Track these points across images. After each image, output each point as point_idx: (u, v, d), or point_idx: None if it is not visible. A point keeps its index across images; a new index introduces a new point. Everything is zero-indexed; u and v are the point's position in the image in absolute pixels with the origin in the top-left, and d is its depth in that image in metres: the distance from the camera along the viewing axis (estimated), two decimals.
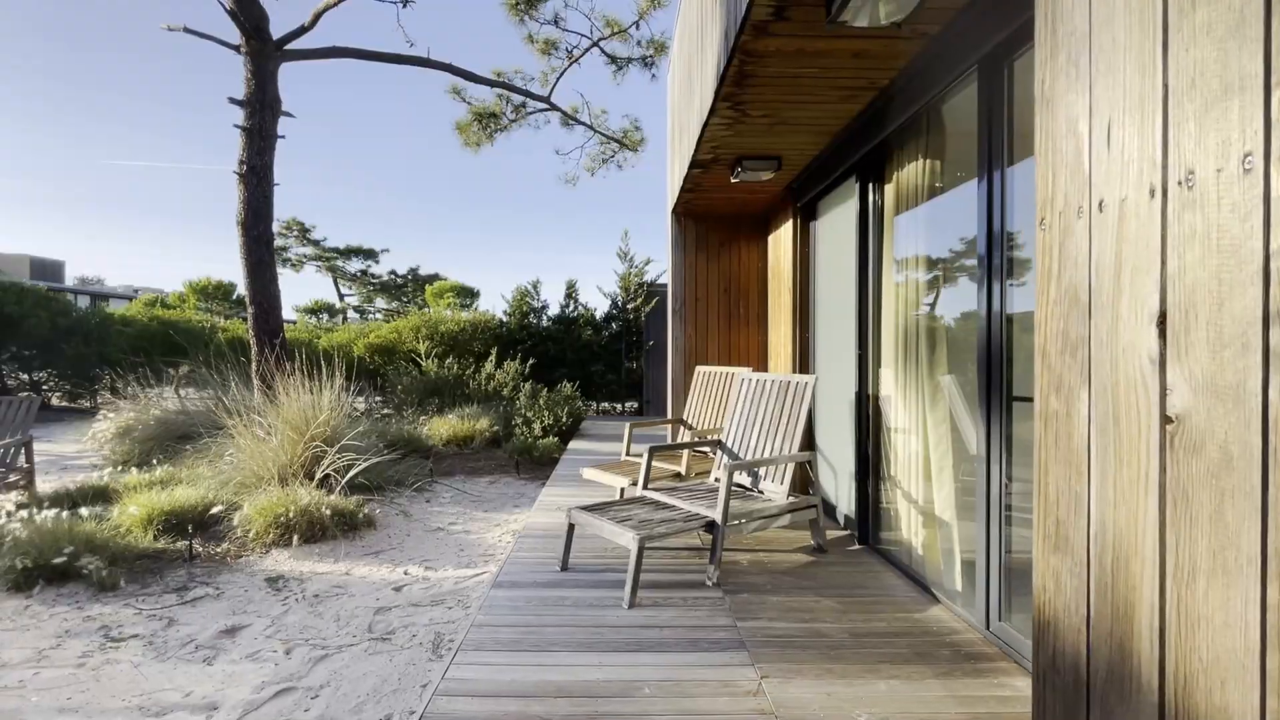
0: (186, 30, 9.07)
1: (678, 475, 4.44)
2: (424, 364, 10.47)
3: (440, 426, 8.27)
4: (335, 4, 8.93)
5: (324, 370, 6.07)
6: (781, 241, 5.32)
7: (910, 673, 2.30)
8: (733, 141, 3.94)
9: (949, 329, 3.18)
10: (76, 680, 2.60)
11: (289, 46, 9.02)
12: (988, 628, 2.58)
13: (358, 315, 35.05)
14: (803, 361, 4.99)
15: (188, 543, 4.11)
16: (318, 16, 8.91)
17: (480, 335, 12.35)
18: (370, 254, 33.03)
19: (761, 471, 3.74)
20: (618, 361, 12.41)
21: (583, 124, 13.91)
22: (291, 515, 4.24)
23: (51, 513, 4.15)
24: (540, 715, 2.01)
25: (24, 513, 4.27)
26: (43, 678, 2.61)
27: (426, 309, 35.24)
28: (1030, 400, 2.51)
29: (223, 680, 2.61)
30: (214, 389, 8.41)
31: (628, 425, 5.02)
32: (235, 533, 4.29)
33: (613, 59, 12.99)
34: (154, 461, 6.17)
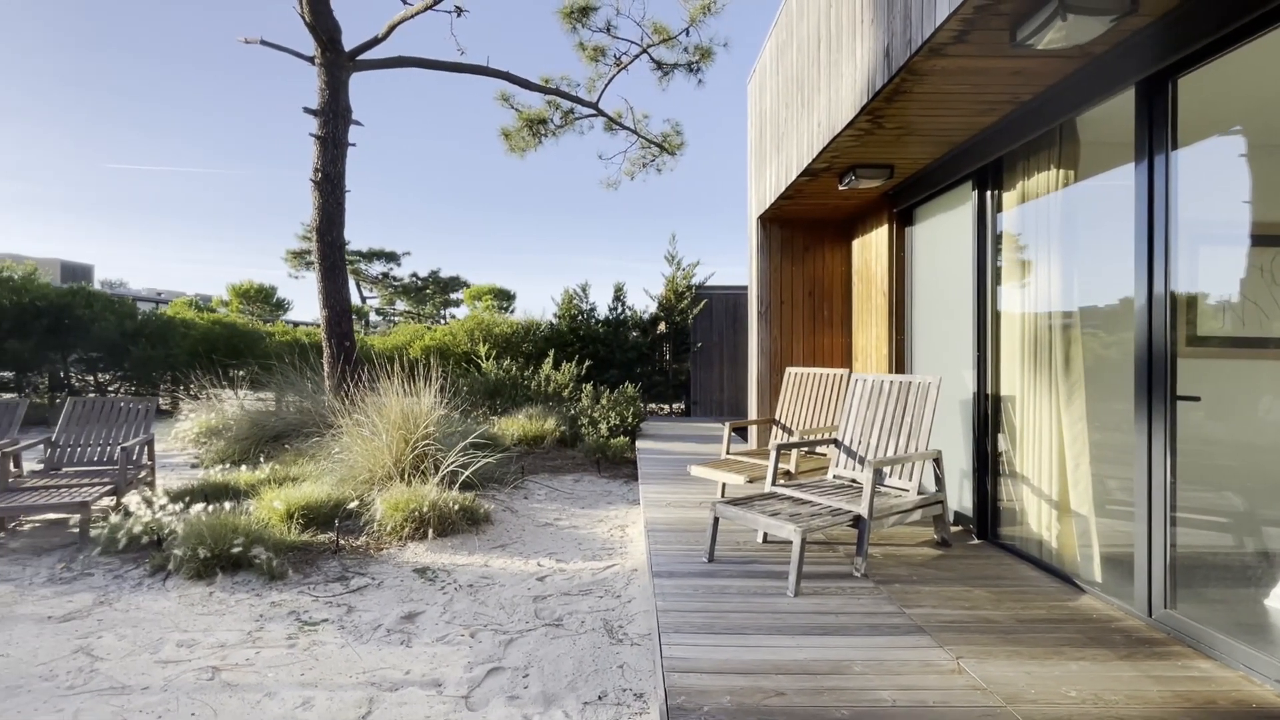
0: (264, 43, 9.39)
1: (787, 473, 4.61)
2: (484, 365, 10.71)
3: (510, 426, 8.49)
4: (410, 17, 9.20)
5: (389, 372, 6.25)
6: (873, 246, 5.47)
7: (1094, 655, 2.45)
8: (854, 151, 4.10)
9: (1084, 330, 3.32)
10: (296, 659, 2.82)
11: (361, 57, 9.31)
12: (1150, 615, 2.72)
13: (379, 318, 35.53)
14: (899, 362, 5.13)
15: (333, 536, 4.34)
16: (392, 28, 9.18)
17: (530, 337, 12.60)
18: (392, 257, 33.46)
19: (887, 469, 3.90)
20: (665, 363, 12.59)
21: (626, 128, 14.12)
22: (424, 511, 4.46)
23: (198, 507, 4.40)
24: (773, 689, 2.19)
25: (173, 506, 4.53)
26: (264, 657, 2.83)
27: (448, 311, 35.46)
28: (1193, 400, 2.65)
29: (430, 660, 2.82)
30: (292, 391, 8.71)
31: (726, 426, 5.19)
32: (371, 527, 4.52)
33: (659, 65, 13.17)
34: (260, 459, 6.42)
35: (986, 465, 3.98)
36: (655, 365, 12.64)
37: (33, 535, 4.60)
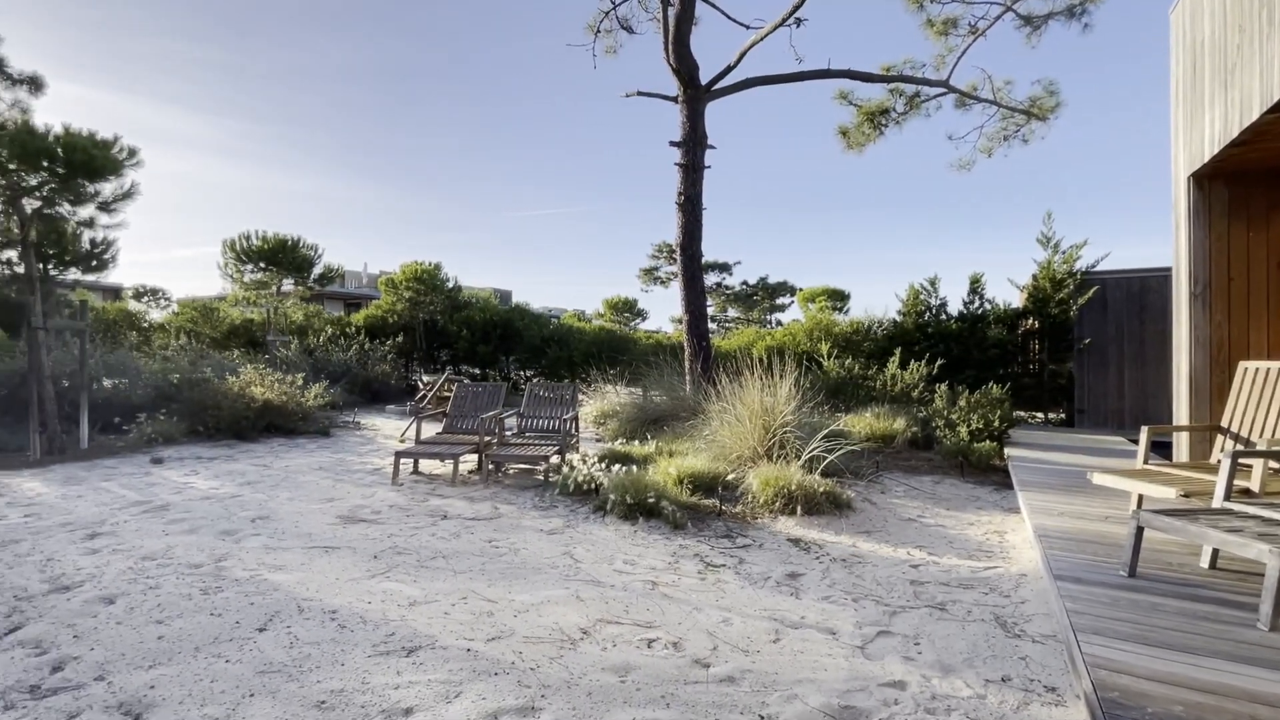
0: (640, 93, 11.31)
1: (1245, 491, 3.65)
2: (826, 364, 10.88)
3: (857, 424, 8.47)
4: (761, 39, 9.99)
5: (738, 369, 6.81)
6: None
7: None
8: None
9: None
10: (708, 589, 3.46)
11: (715, 87, 10.48)
12: None
13: (713, 324, 38.51)
14: None
15: (715, 502, 5.08)
16: (743, 54, 10.10)
17: (871, 336, 12.28)
18: (725, 267, 35.89)
19: None
20: (1037, 363, 10.87)
21: (983, 101, 12.65)
22: (792, 489, 4.88)
23: (616, 467, 5.62)
24: (1247, 714, 1.87)
25: (599, 465, 5.87)
26: (684, 584, 3.55)
27: (773, 316, 36.32)
28: None
29: (820, 613, 3.15)
30: (659, 385, 10.26)
31: (1144, 432, 4.34)
32: (746, 498, 5.14)
33: (1026, 20, 11.49)
34: (646, 436, 7.80)
35: None
36: (1023, 365, 11.03)
37: (515, 478, 6.49)
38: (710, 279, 36.20)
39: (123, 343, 15.52)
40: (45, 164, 7.50)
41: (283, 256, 17.50)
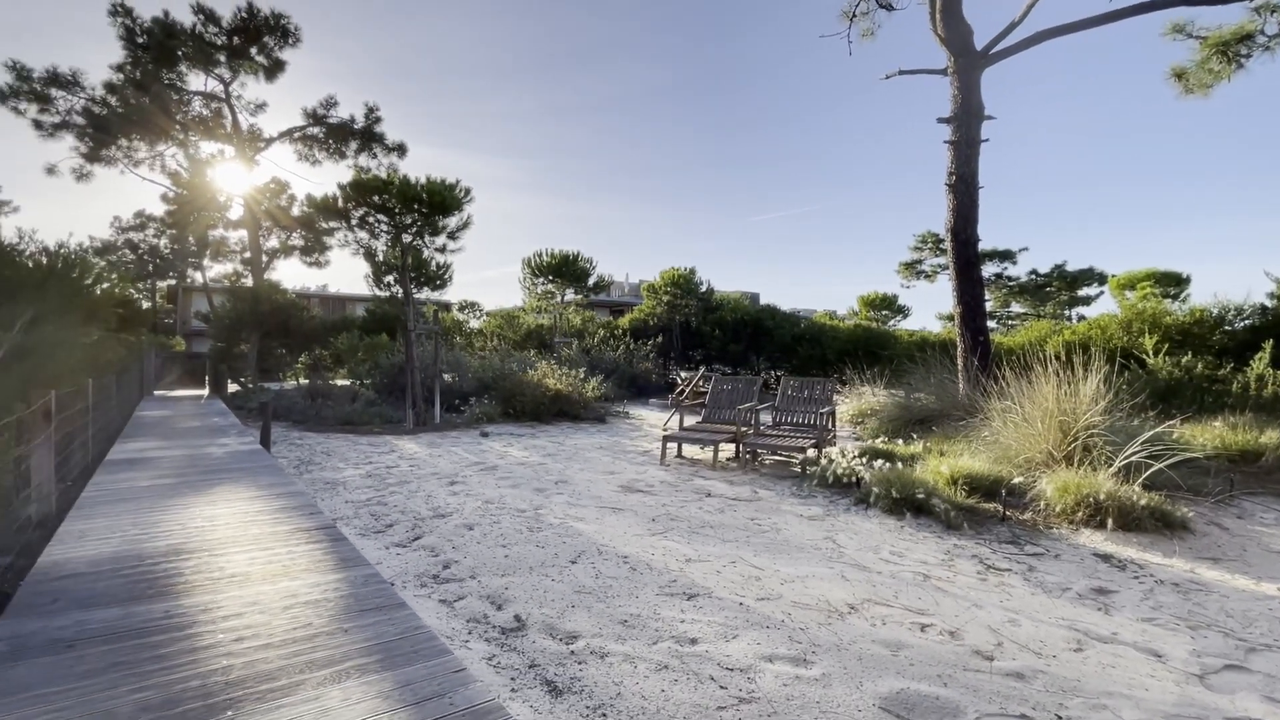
0: (901, 72, 10.60)
1: None
2: (1151, 361, 8.89)
3: (1201, 434, 6.77)
4: None
5: (1024, 366, 5.94)
6: None
7: None
8: None
9: None
10: (990, 590, 3.20)
11: (994, 50, 9.31)
12: None
13: (993, 321, 33.49)
14: None
15: (997, 505, 4.61)
16: (1030, 5, 8.83)
17: (1223, 328, 9.65)
18: (1006, 255, 31.05)
19: None
20: None
21: None
22: (1101, 499, 4.18)
23: (879, 462, 5.42)
24: None
25: (860, 460, 5.72)
26: (960, 581, 3.34)
27: (1073, 310, 30.41)
28: None
29: (1138, 633, 2.71)
30: (924, 384, 9.47)
31: None
32: (1037, 504, 4.55)
33: None
34: (912, 436, 7.32)
35: None
36: None
37: (771, 468, 6.66)
38: (988, 270, 31.83)
39: (454, 345, 19.66)
40: (416, 206, 9.98)
41: (565, 269, 20.30)
